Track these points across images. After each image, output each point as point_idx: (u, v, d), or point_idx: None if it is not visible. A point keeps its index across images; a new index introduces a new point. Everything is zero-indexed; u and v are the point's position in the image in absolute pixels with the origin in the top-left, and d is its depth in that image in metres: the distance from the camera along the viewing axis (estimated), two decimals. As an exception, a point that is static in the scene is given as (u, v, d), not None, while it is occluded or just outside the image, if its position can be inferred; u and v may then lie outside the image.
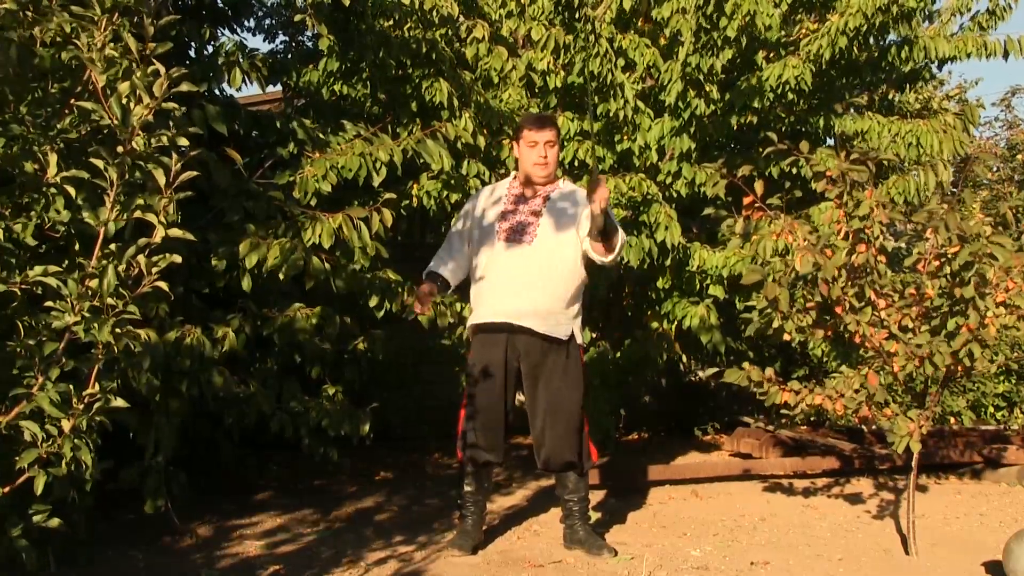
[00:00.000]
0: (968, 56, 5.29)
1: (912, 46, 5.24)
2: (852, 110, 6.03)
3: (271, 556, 3.62)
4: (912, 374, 3.53)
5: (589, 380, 3.77)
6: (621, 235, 3.53)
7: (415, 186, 4.66)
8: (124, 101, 2.04)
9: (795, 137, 5.03)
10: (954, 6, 5.52)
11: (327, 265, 3.98)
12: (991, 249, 3.35)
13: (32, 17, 2.11)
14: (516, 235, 3.60)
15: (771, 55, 5.20)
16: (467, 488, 3.72)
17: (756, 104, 4.91)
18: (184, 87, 2.09)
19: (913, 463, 3.78)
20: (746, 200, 3.88)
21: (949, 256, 3.45)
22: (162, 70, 2.08)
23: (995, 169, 9.17)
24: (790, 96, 4.94)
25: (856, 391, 3.65)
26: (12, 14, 2.05)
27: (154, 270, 2.10)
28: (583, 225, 3.55)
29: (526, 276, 3.56)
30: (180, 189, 2.15)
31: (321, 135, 4.43)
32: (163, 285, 2.14)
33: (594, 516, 4.02)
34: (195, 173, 2.15)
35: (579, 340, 3.67)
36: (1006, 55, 5.26)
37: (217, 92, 4.40)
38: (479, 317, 3.64)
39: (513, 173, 3.86)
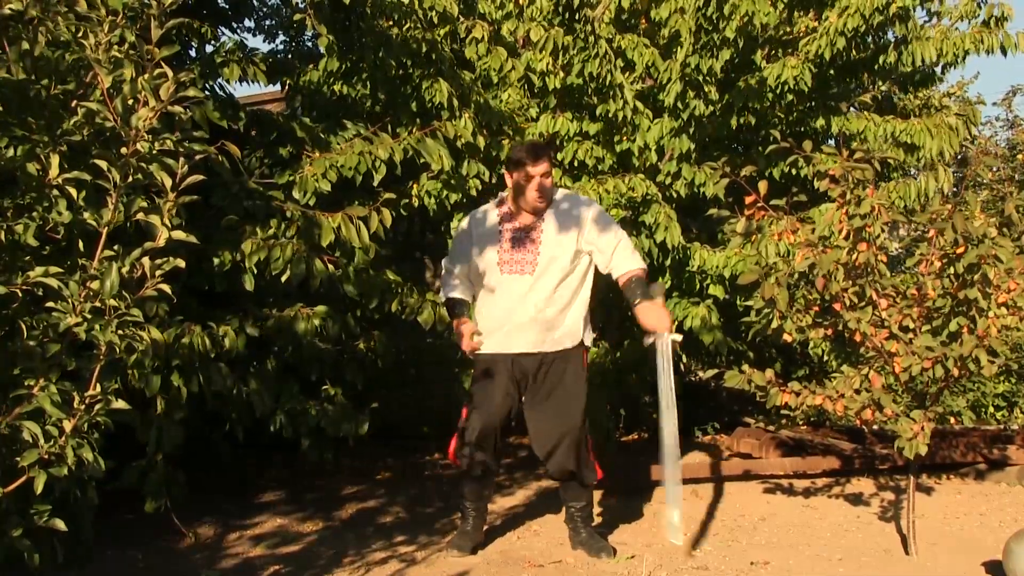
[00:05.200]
0: (966, 53, 5.27)
1: (905, 48, 5.23)
2: (851, 110, 6.02)
3: (272, 556, 3.62)
4: (912, 374, 3.53)
5: (589, 389, 3.76)
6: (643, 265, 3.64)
7: (415, 186, 4.66)
8: (129, 102, 2.04)
9: (794, 138, 5.04)
10: (962, 11, 5.50)
11: (331, 268, 3.98)
12: (995, 251, 3.35)
13: (37, 17, 2.10)
14: (516, 266, 3.58)
15: (771, 53, 5.19)
16: (468, 490, 3.73)
17: (755, 105, 4.91)
18: (191, 92, 2.09)
19: (913, 463, 3.78)
20: (748, 199, 3.88)
21: (954, 257, 3.45)
22: (169, 73, 2.08)
23: (995, 169, 9.14)
24: (789, 97, 4.94)
25: (856, 391, 3.65)
26: (17, 14, 2.05)
27: (158, 273, 2.10)
28: (584, 239, 3.58)
29: (528, 308, 3.55)
30: (185, 192, 2.15)
31: (321, 135, 4.44)
32: (166, 288, 2.14)
33: (595, 517, 4.02)
34: (201, 177, 2.15)
35: (586, 342, 3.69)
36: (1004, 51, 5.25)
37: (218, 90, 4.41)
38: (486, 348, 3.61)
39: (501, 196, 3.79)
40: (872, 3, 4.62)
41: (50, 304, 2.13)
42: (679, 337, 3.59)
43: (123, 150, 2.08)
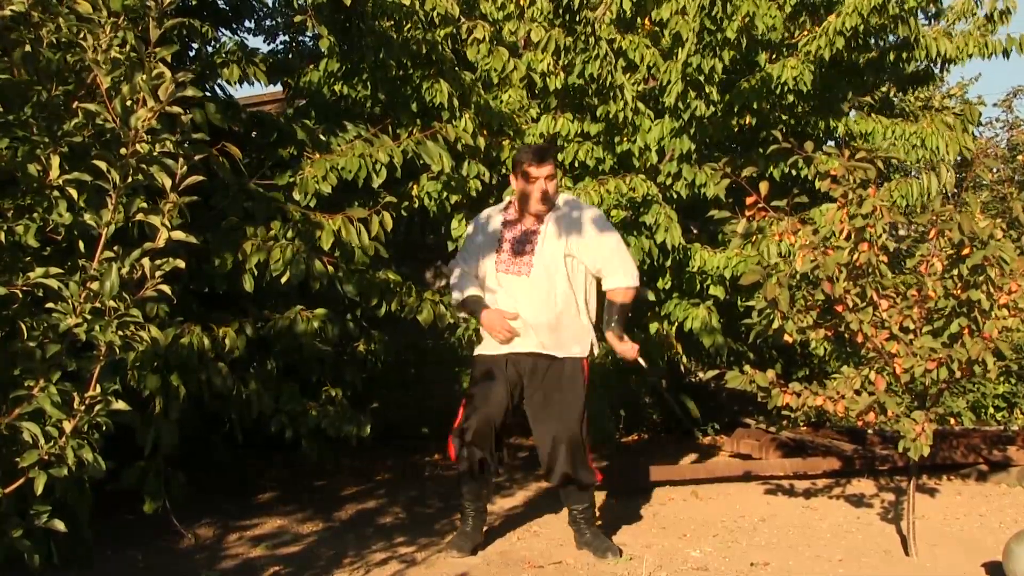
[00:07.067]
0: (970, 56, 5.26)
1: (914, 47, 5.23)
2: (854, 112, 6.01)
3: (272, 556, 3.63)
4: (914, 375, 3.53)
5: (589, 390, 3.77)
6: (628, 284, 3.70)
7: (415, 187, 4.66)
8: (128, 103, 2.04)
9: (796, 139, 5.03)
10: (960, 9, 5.50)
11: (330, 268, 3.98)
12: (1000, 252, 3.35)
13: (38, 19, 2.11)
14: (513, 267, 3.66)
15: (773, 56, 5.19)
16: (467, 490, 3.73)
17: (756, 105, 4.90)
18: (189, 92, 2.09)
19: (913, 464, 3.78)
20: (749, 200, 3.88)
21: (958, 258, 3.45)
22: (167, 74, 2.08)
23: (995, 170, 9.14)
24: (789, 97, 4.94)
25: (857, 392, 3.65)
26: (19, 16, 2.05)
27: (157, 273, 2.10)
28: (577, 244, 3.64)
29: (527, 309, 3.62)
30: (185, 193, 2.15)
31: (322, 136, 4.43)
32: (166, 288, 2.14)
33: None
34: (201, 178, 2.15)
35: (583, 354, 3.70)
36: (1006, 54, 5.24)
37: (218, 91, 4.41)
38: (485, 348, 3.70)
39: (508, 199, 3.89)
40: (869, 2, 4.61)
41: (50, 305, 2.13)
42: (643, 363, 3.95)
43: (123, 151, 2.08)
